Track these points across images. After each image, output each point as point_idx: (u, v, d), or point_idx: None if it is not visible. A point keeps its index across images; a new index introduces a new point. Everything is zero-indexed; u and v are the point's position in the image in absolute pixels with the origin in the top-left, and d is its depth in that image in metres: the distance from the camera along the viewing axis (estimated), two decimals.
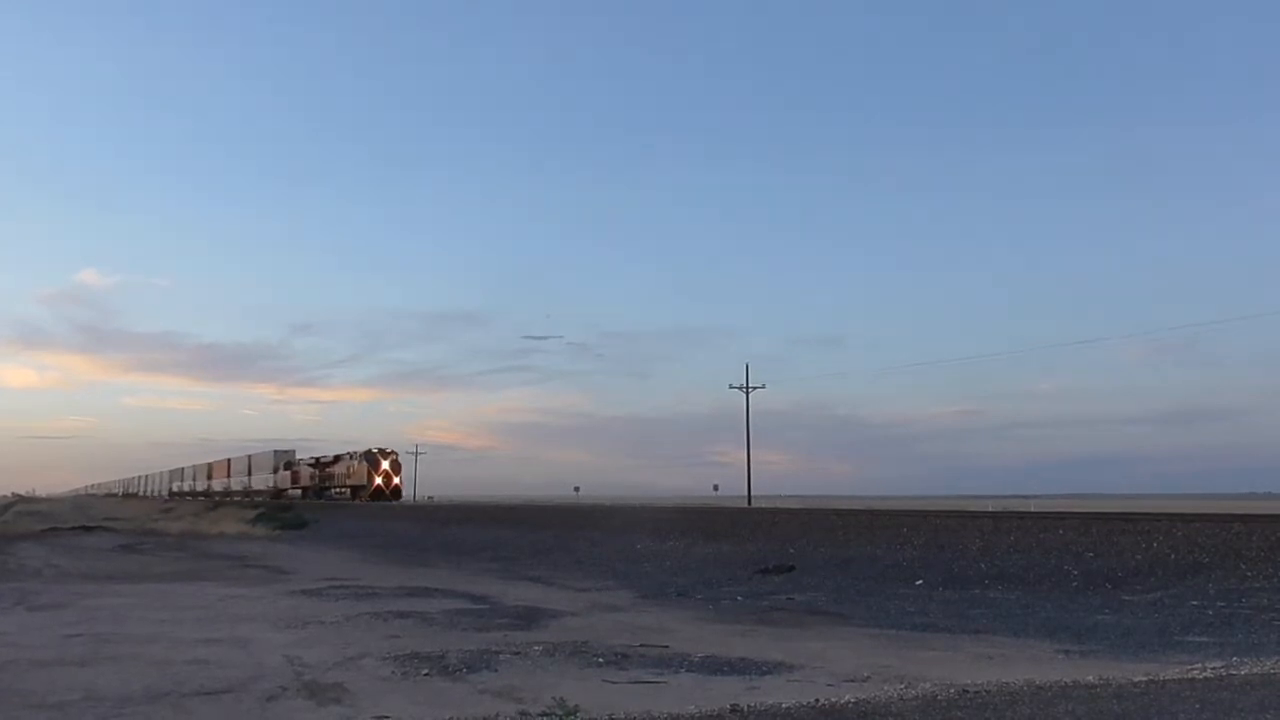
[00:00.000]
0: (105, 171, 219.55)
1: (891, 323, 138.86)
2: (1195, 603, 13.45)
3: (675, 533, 25.25)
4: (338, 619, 13.93)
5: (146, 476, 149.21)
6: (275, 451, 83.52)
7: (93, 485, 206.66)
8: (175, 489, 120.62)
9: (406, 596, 17.34)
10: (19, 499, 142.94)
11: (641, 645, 11.23)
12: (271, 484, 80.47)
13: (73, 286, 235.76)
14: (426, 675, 9.32)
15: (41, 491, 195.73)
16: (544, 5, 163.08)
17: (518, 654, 10.56)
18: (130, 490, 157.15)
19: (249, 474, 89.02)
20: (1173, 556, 15.33)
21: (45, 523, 51.81)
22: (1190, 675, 8.04)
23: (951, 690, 7.35)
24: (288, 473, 78.17)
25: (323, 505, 64.29)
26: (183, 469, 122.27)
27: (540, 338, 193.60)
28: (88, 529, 44.06)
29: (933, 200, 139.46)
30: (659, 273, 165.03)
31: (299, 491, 74.97)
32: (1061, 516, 19.26)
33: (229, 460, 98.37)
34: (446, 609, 15.23)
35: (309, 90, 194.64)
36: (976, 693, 7.25)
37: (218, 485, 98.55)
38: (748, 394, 62.53)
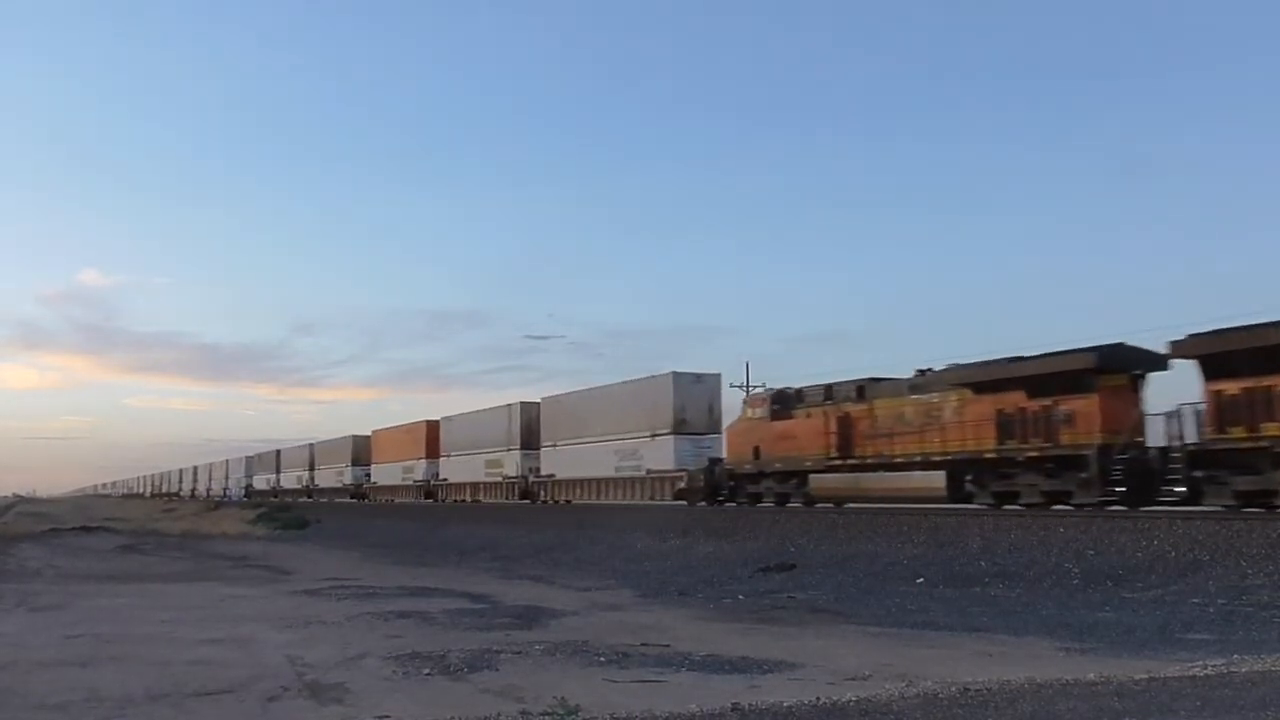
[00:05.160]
0: (105, 171, 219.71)
1: (892, 320, 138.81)
2: (1196, 600, 13.45)
3: (676, 532, 25.23)
4: (339, 619, 13.94)
5: (194, 469, 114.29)
6: (677, 377, 33.93)
7: (103, 484, 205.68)
8: (266, 484, 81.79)
9: (407, 596, 17.35)
10: (20, 499, 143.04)
11: (642, 644, 11.23)
12: (686, 461, 32.11)
13: (73, 286, 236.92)
14: (428, 675, 9.33)
15: (42, 492, 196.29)
16: (543, 4, 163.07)
17: (519, 653, 10.56)
18: (161, 489, 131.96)
19: (526, 441, 42.55)
20: (1173, 554, 15.32)
21: (46, 523, 51.80)
22: (1191, 673, 8.04)
23: (953, 688, 7.35)
24: (824, 408, 25.61)
25: (325, 505, 59.54)
26: (277, 453, 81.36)
27: (542, 337, 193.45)
28: (88, 529, 44.06)
29: (932, 198, 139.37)
30: (660, 272, 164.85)
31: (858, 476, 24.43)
32: (1062, 514, 19.23)
33: (438, 424, 51.85)
34: (447, 608, 15.24)
35: (308, 90, 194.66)
36: (977, 690, 7.26)
37: (391, 475, 57.61)
38: (748, 392, 62.49)
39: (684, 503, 30.55)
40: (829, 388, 26.22)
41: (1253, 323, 16.88)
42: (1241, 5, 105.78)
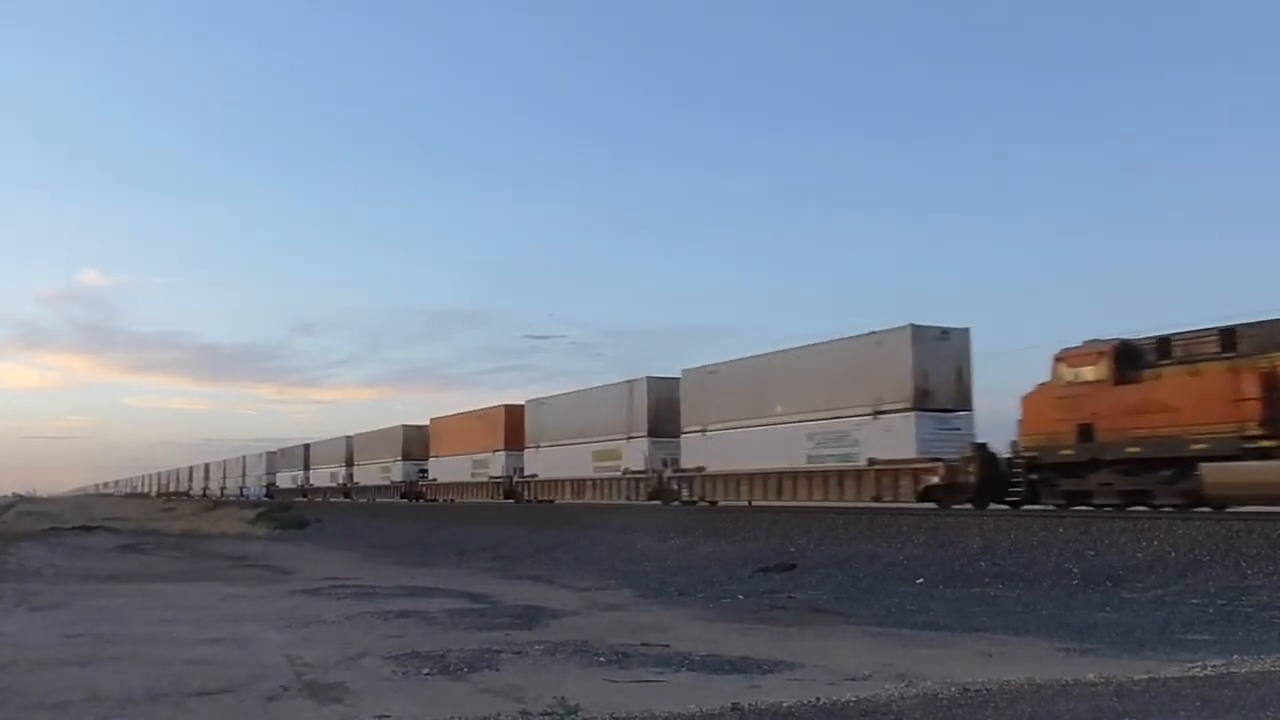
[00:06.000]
0: (105, 171, 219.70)
1: (892, 320, 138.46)
2: (1196, 600, 13.46)
3: (676, 531, 25.22)
4: (338, 618, 13.93)
5: (205, 466, 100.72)
6: (918, 332, 24.14)
7: (104, 484, 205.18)
8: (292, 482, 71.85)
9: (407, 596, 17.34)
10: (20, 499, 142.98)
11: (642, 644, 11.23)
12: None
13: (73, 286, 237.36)
14: (427, 674, 9.33)
15: (43, 491, 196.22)
16: (543, 4, 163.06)
17: (519, 653, 10.56)
18: (167, 488, 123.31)
19: (655, 427, 33.94)
20: (1173, 554, 15.33)
21: (46, 522, 51.77)
22: (1191, 673, 8.03)
23: (952, 688, 7.35)
24: None
25: (322, 505, 59.84)
26: (305, 448, 71.15)
27: (542, 337, 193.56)
28: (88, 529, 44.01)
29: (930, 198, 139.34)
30: (660, 272, 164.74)
31: None
32: (1062, 514, 19.22)
33: (522, 409, 43.36)
34: (447, 608, 15.24)
35: (308, 90, 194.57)
36: (977, 691, 7.25)
37: (457, 471, 48.63)
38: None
39: (933, 505, 22.68)
40: (1228, 332, 17.68)
41: None
42: (1242, 5, 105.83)
